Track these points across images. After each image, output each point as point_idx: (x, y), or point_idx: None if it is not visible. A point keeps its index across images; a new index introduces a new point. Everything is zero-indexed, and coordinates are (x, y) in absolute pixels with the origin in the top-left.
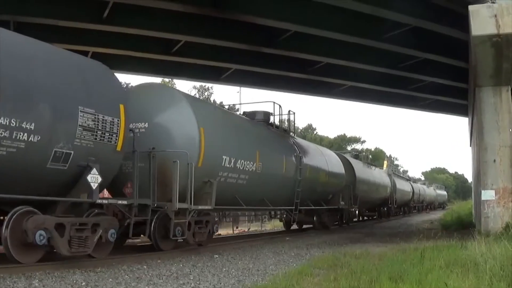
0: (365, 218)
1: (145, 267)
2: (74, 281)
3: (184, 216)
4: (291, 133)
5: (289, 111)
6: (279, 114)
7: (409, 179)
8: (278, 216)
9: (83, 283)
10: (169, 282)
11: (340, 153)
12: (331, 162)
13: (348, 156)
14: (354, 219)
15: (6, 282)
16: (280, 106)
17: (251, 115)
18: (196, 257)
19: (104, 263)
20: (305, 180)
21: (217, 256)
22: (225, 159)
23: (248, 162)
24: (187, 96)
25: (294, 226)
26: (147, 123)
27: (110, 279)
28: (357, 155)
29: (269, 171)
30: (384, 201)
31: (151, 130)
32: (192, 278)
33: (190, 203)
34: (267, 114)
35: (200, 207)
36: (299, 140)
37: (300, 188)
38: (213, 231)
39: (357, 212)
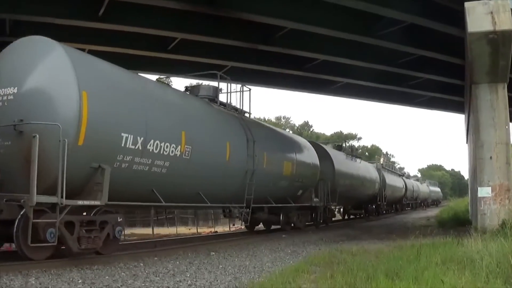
0: (351, 216)
1: (141, 264)
2: (71, 279)
3: (55, 214)
4: (245, 114)
5: (241, 86)
6: (228, 92)
7: (401, 175)
8: (237, 215)
9: (80, 281)
10: (165, 279)
11: (318, 142)
12: (300, 151)
13: (326, 146)
14: (334, 218)
15: (3, 279)
16: (227, 78)
17: (194, 90)
18: (192, 254)
19: (100, 260)
20: (261, 171)
21: (213, 253)
22: (127, 138)
23: (167, 144)
24: (66, 48)
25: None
26: (16, 88)
27: (107, 277)
28: (340, 145)
29: (203, 158)
30: (372, 197)
31: (21, 97)
32: (188, 275)
33: (62, 197)
34: (215, 90)
35: (80, 202)
36: (255, 122)
37: (254, 181)
38: (114, 235)
39: (341, 210)
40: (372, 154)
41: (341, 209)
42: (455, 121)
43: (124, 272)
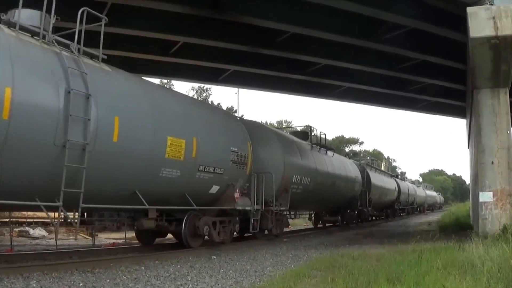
0: (327, 225)
1: (143, 268)
2: (72, 282)
3: None
4: (93, 59)
5: (83, 11)
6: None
7: (394, 175)
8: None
9: (81, 284)
10: (166, 283)
11: (258, 122)
12: (210, 124)
13: (274, 128)
14: (292, 228)
15: (4, 282)
16: None
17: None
18: (193, 258)
19: (102, 264)
20: (108, 148)
21: (214, 257)
22: None
23: None
24: None
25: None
26: None
27: (108, 280)
28: (304, 132)
29: None
30: (351, 201)
31: None
32: (189, 279)
33: None
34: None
35: None
36: (111, 71)
37: (85, 164)
38: None
39: (312, 216)
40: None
41: (312, 216)
42: (457, 126)
43: (125, 276)
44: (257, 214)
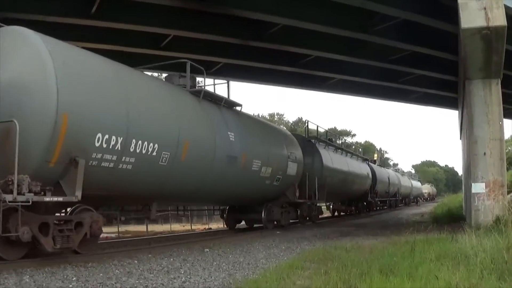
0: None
1: (136, 261)
2: (65, 276)
3: None
4: None
5: None
6: None
7: (366, 159)
8: None
9: (74, 278)
10: (159, 276)
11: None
12: None
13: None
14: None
15: None
16: None
17: None
18: (186, 251)
19: (95, 258)
20: None
21: (207, 250)
22: None
23: None
24: None
25: None
26: None
27: (101, 274)
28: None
29: None
30: (284, 191)
31: None
32: (182, 272)
33: None
34: None
35: None
36: None
37: None
38: None
39: (224, 215)
40: (366, 150)
41: (224, 214)
42: (449, 117)
43: (118, 269)
44: None
